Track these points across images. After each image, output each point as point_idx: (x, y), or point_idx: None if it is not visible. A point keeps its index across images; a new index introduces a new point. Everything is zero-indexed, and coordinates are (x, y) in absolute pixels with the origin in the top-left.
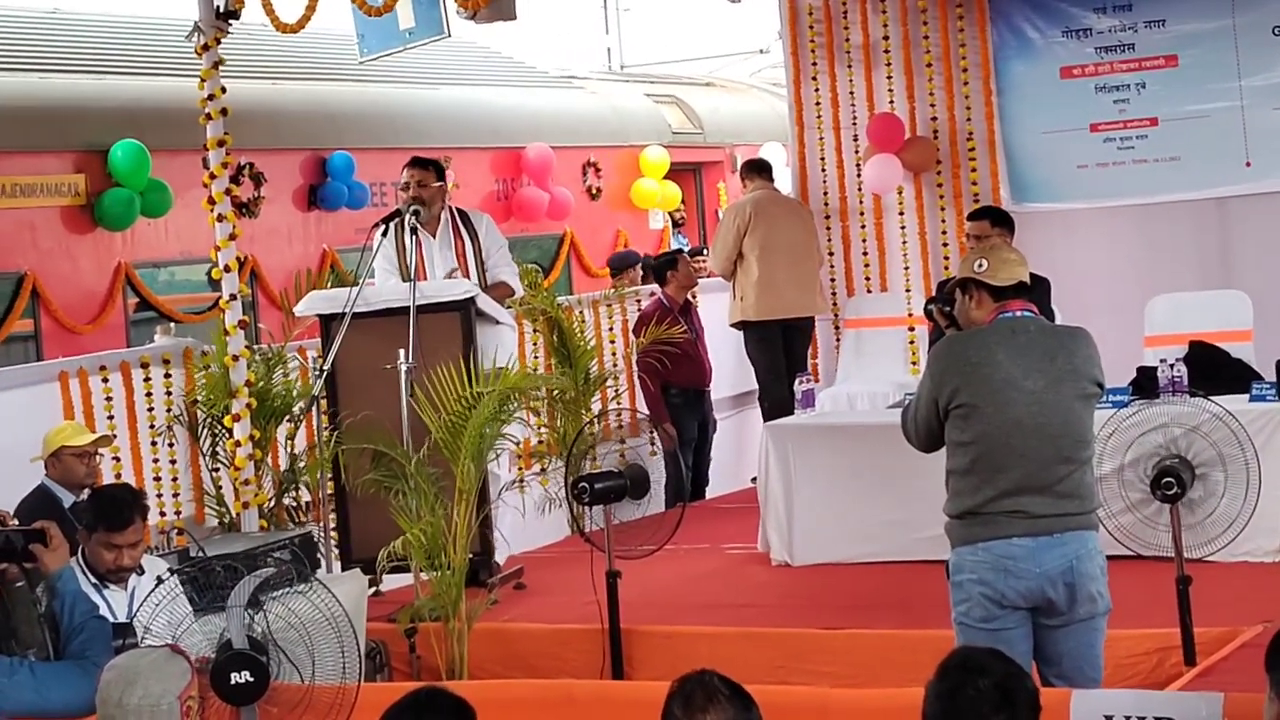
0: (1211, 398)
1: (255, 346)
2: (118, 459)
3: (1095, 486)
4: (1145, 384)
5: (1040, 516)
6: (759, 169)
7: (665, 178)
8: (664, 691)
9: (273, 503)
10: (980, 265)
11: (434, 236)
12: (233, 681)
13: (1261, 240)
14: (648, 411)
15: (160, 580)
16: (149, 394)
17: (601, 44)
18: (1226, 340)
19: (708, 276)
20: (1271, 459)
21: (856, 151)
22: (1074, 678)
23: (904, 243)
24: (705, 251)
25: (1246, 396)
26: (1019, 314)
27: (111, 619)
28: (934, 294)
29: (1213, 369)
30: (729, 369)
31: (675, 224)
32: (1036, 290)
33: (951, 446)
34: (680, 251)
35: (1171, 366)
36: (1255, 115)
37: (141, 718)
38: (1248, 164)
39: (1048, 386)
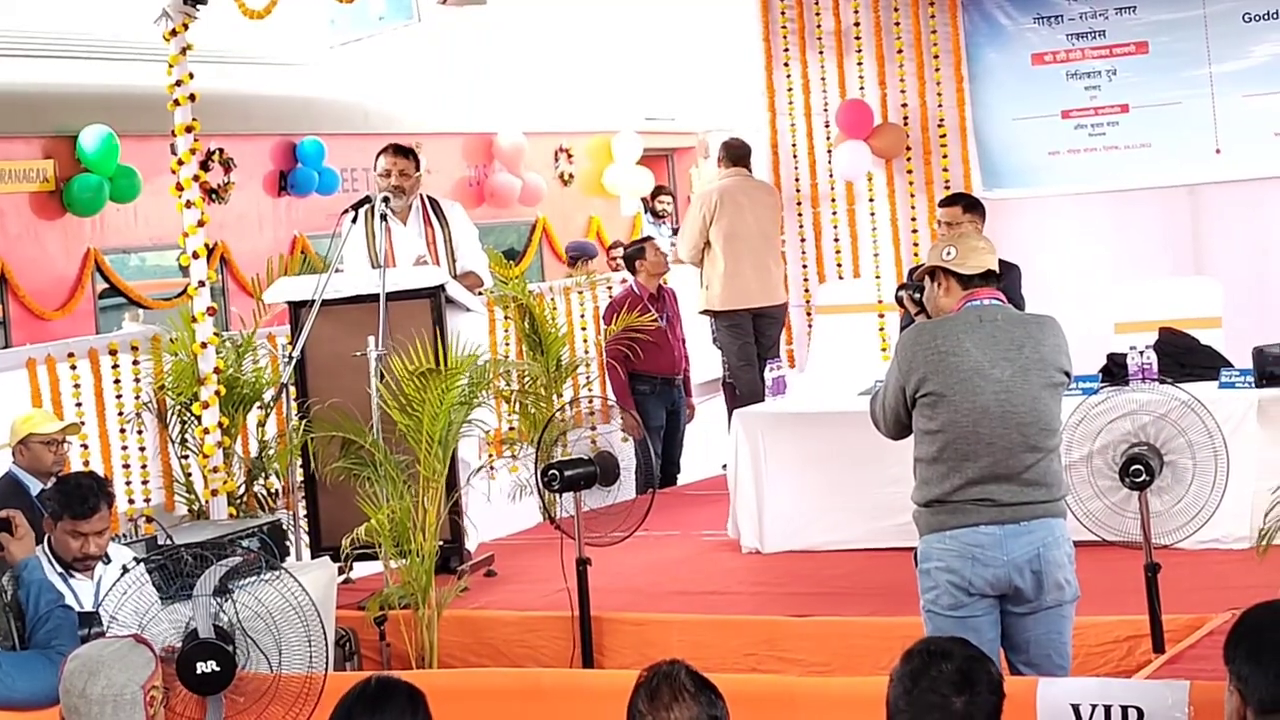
0: (1181, 385)
1: (224, 333)
2: (86, 446)
3: (1063, 474)
4: (1115, 371)
5: (1007, 505)
6: (734, 155)
7: (637, 163)
8: (632, 680)
9: (242, 490)
10: (948, 253)
11: (405, 224)
12: (199, 671)
13: (1231, 227)
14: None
15: (125, 569)
16: (117, 381)
17: None
18: (1196, 327)
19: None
20: (1240, 446)
21: (828, 138)
22: (1042, 665)
23: (874, 229)
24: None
25: (1216, 383)
26: (986, 302)
27: (78, 608)
28: (904, 281)
29: (1182, 356)
30: (702, 355)
31: (655, 214)
32: (1007, 277)
33: (919, 435)
34: (649, 239)
35: (1141, 353)
36: (1225, 102)
37: (105, 708)
38: (1218, 151)
39: (1015, 375)
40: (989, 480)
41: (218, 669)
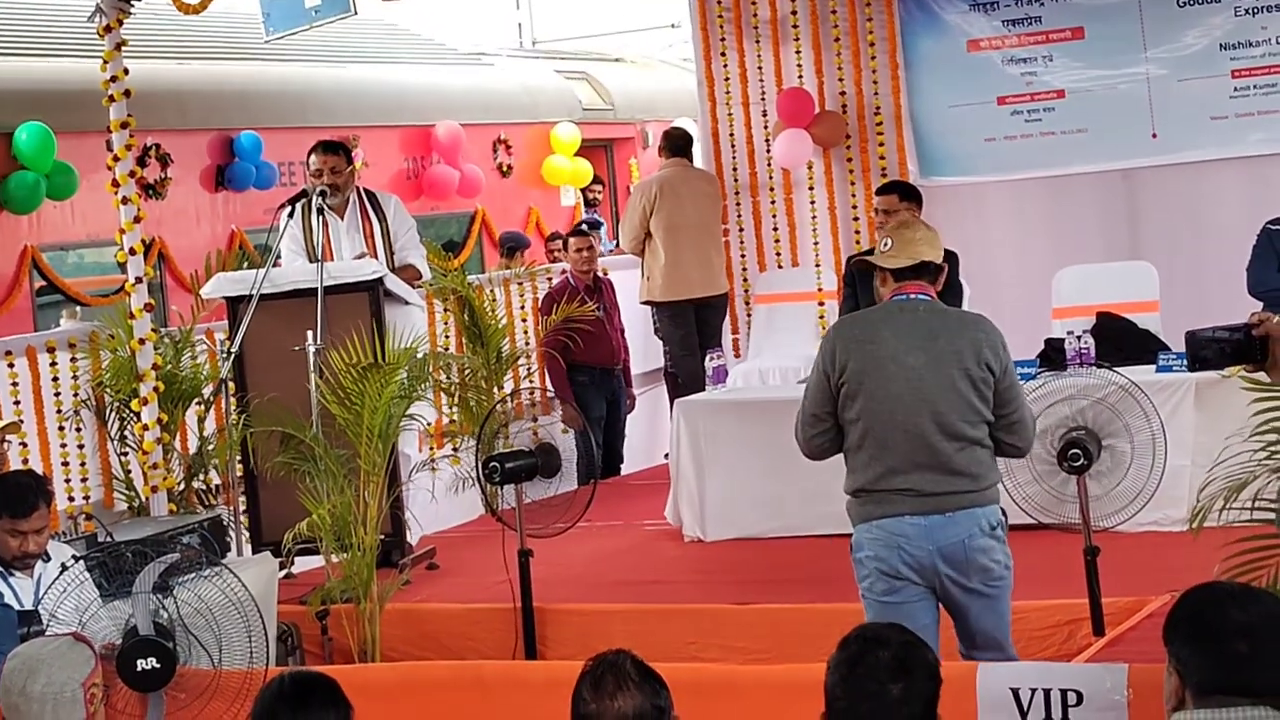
0: (1118, 369)
1: (162, 330)
2: (25, 444)
3: (993, 462)
4: (1053, 356)
5: (930, 495)
6: (674, 145)
7: (576, 154)
8: (575, 671)
9: (182, 486)
10: (885, 245)
11: (341, 218)
12: (139, 668)
13: (1167, 211)
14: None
15: (65, 567)
16: (55, 379)
17: (512, 19)
18: (1133, 311)
19: (615, 254)
20: (1177, 429)
21: (766, 127)
22: (991, 651)
23: (814, 217)
24: (600, 228)
25: (1153, 367)
26: (912, 296)
27: (17, 606)
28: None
29: (1120, 340)
30: (642, 346)
31: (589, 203)
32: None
33: (845, 424)
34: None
35: (1078, 338)
36: (1161, 87)
37: (45, 706)
38: (1154, 135)
39: (928, 363)
40: (910, 469)
41: (158, 665)
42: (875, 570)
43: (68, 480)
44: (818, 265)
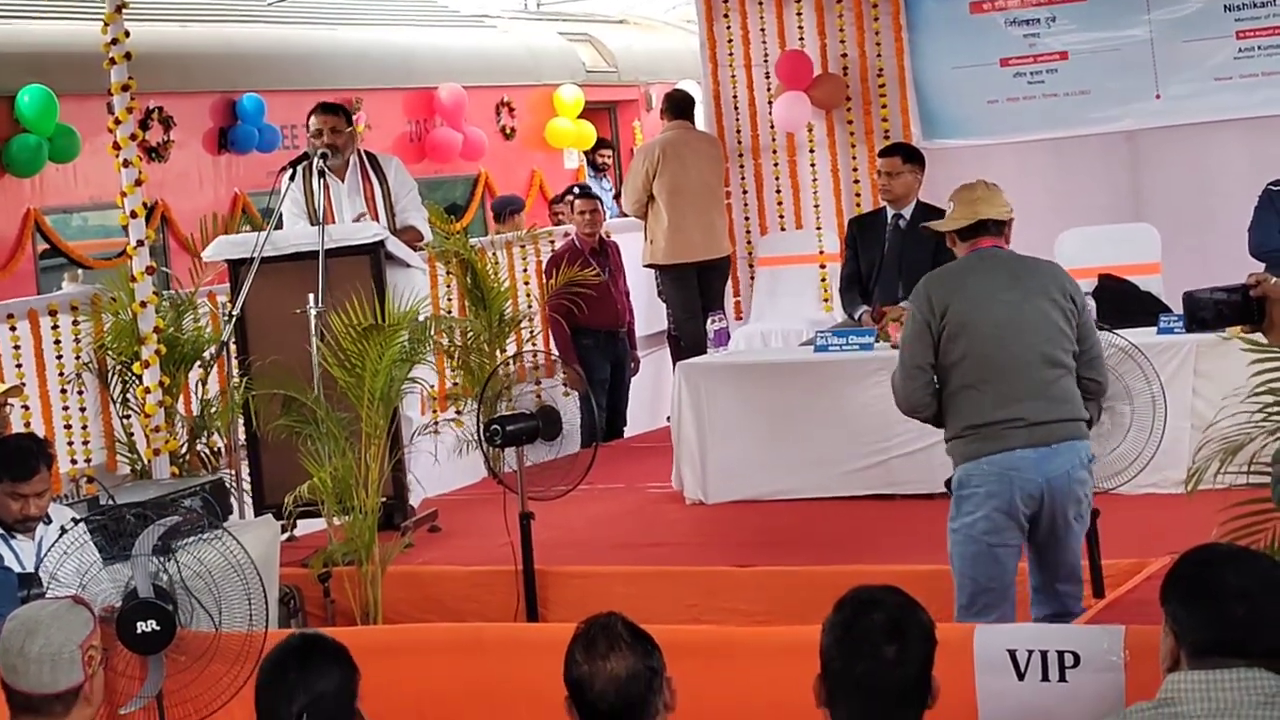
0: (1119, 331)
1: (164, 292)
2: (27, 408)
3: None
4: None
5: (1039, 424)
6: (676, 107)
7: (580, 117)
8: (572, 633)
9: (184, 449)
10: (950, 209)
11: (342, 181)
12: (139, 630)
13: (1170, 173)
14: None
15: (64, 530)
16: (58, 341)
17: None
18: (1135, 273)
19: (620, 216)
20: (1178, 391)
21: (768, 89)
22: (1070, 583)
23: (815, 180)
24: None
25: (1155, 329)
26: (987, 249)
27: (18, 569)
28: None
29: (1122, 302)
30: (646, 309)
31: (596, 168)
32: None
33: (946, 370)
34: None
35: None
36: (1165, 48)
37: (43, 667)
38: (1157, 97)
39: (1022, 297)
40: (1019, 398)
41: (158, 628)
42: (988, 506)
43: (70, 443)
44: (819, 228)
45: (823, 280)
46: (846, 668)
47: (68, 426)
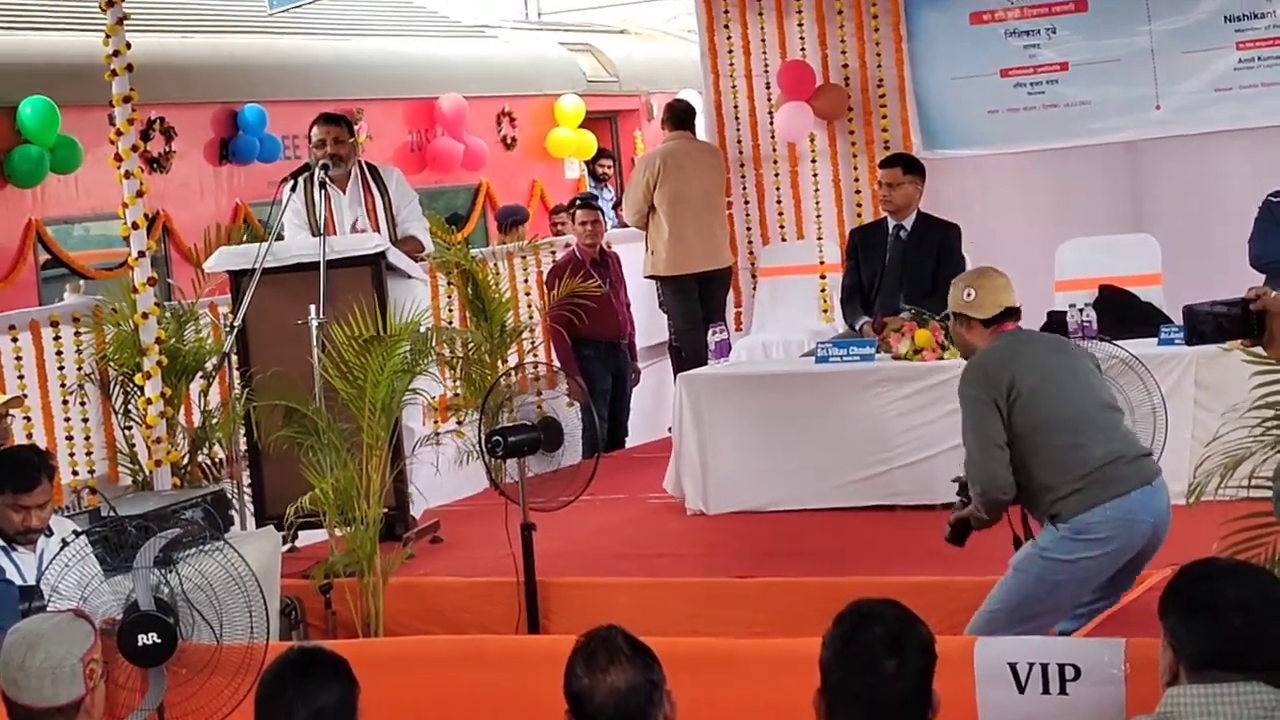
0: (1120, 342)
1: (166, 303)
2: (29, 419)
3: None
4: (1055, 329)
5: (1136, 459)
6: (678, 117)
7: (580, 127)
8: (572, 646)
9: (186, 460)
10: (968, 295)
11: (344, 192)
12: (139, 643)
13: (1171, 184)
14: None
15: (65, 543)
16: (59, 353)
17: None
18: (1136, 284)
19: (620, 226)
20: (1179, 403)
21: (769, 99)
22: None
23: (817, 190)
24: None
25: (1155, 340)
26: (1013, 330)
27: (19, 581)
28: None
29: (1123, 313)
30: (647, 319)
31: (597, 178)
32: (948, 237)
33: (1024, 440)
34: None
35: (1081, 311)
36: (1165, 59)
37: (44, 680)
38: (1157, 108)
39: (1069, 360)
40: (1108, 441)
41: (159, 641)
42: (1107, 552)
43: (71, 454)
44: (820, 238)
45: (823, 291)
46: (846, 681)
47: (69, 438)
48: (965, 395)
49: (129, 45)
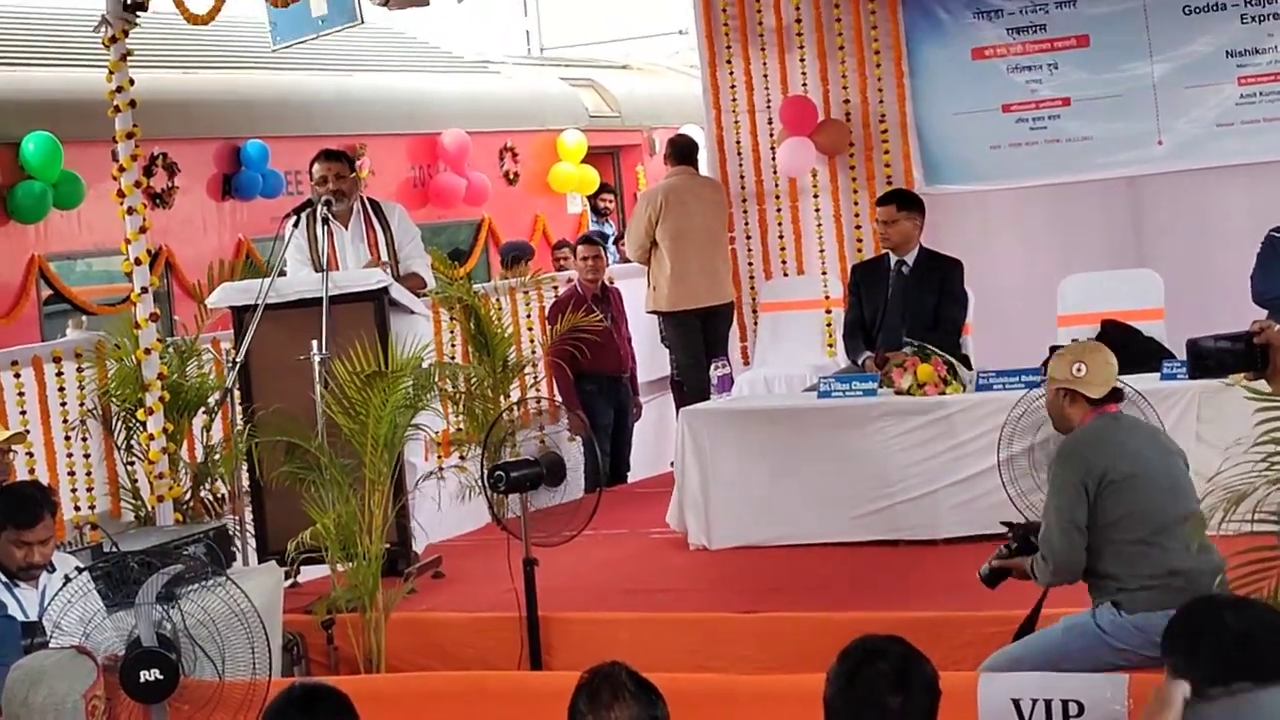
0: (1122, 377)
1: (168, 339)
2: (31, 454)
3: None
4: None
5: (1209, 574)
6: (680, 153)
7: (583, 162)
8: (575, 681)
9: (188, 496)
10: (1078, 370)
11: (346, 227)
12: (142, 679)
13: (1173, 219)
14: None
15: (68, 579)
16: (61, 389)
17: (520, 27)
18: (1139, 319)
19: (622, 262)
20: (1182, 437)
21: (771, 134)
22: None
23: (819, 225)
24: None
25: (1158, 375)
26: (1114, 412)
27: (22, 617)
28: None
29: (1125, 348)
30: (648, 354)
31: (599, 212)
32: (951, 273)
33: (1106, 529)
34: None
35: None
36: (1167, 94)
37: (46, 717)
38: (1159, 143)
39: (1163, 454)
40: (1185, 556)
41: (161, 677)
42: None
43: (74, 490)
44: (824, 273)
45: (828, 325)
46: (851, 718)
47: (71, 473)
48: (1057, 475)
49: (132, 81)
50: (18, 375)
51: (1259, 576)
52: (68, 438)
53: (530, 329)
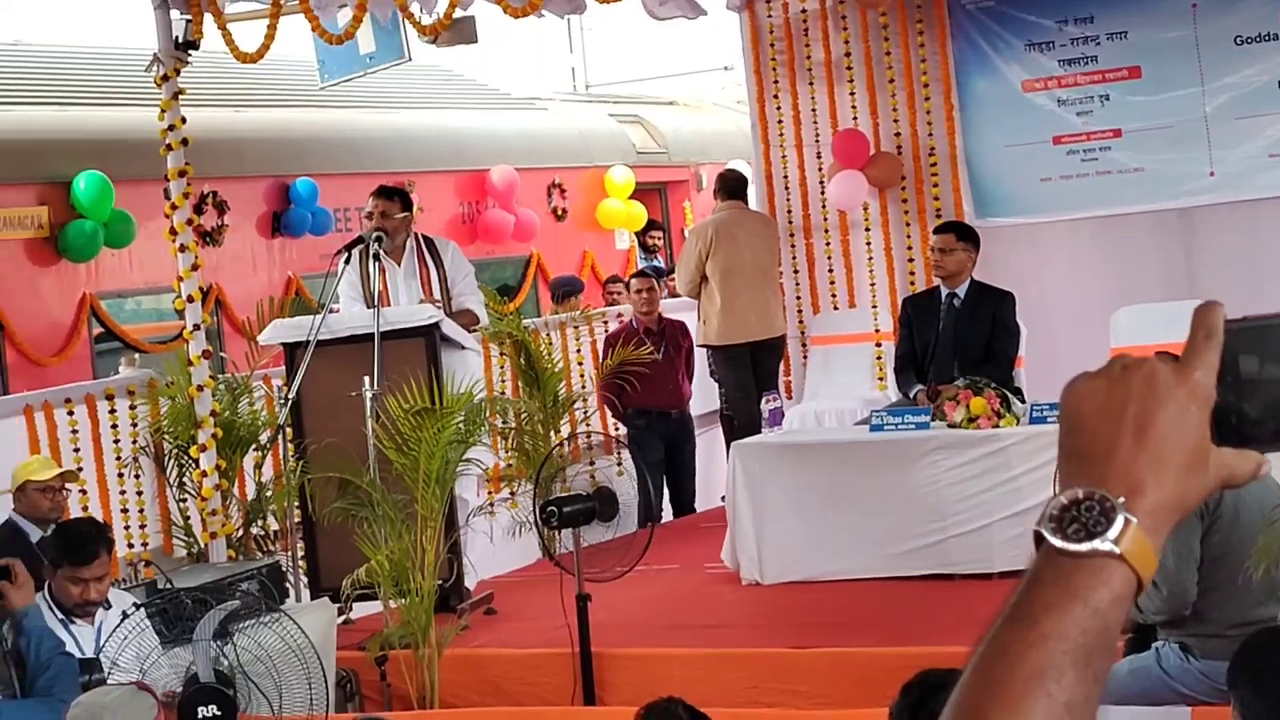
0: None
1: (220, 376)
2: (84, 492)
3: None
4: None
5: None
6: (729, 187)
7: (630, 197)
8: (631, 717)
9: (240, 533)
10: None
11: (399, 264)
12: (200, 715)
13: (1225, 250)
14: (609, 433)
15: (125, 615)
16: (114, 426)
17: (566, 64)
18: None
19: (671, 297)
20: None
21: (820, 168)
22: None
23: (870, 259)
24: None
25: None
26: None
27: (79, 654)
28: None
29: None
30: (699, 388)
31: (647, 249)
32: (1002, 305)
33: (1209, 562)
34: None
35: None
36: (1218, 125)
37: None
38: (1211, 174)
39: (1268, 492)
40: (1271, 605)
41: (219, 713)
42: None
43: (127, 527)
44: (874, 306)
45: (878, 359)
46: None
47: (125, 510)
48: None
49: (184, 119)
50: (71, 413)
51: None
52: (120, 475)
53: (580, 363)
